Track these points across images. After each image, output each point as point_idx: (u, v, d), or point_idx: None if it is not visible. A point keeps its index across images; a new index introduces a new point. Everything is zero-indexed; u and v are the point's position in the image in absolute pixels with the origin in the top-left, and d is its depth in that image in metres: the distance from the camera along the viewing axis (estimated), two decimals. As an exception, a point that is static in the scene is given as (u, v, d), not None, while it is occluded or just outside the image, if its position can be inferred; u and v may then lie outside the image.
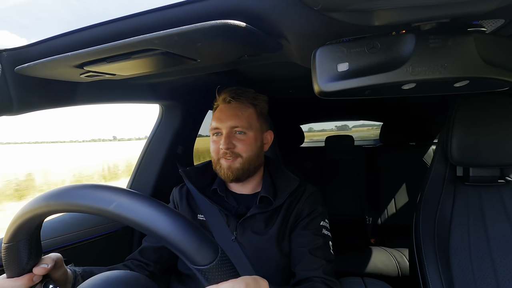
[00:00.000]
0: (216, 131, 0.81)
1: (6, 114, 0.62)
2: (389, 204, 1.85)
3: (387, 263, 1.49)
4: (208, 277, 0.33)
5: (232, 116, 0.78)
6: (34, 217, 0.39)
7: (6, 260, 0.43)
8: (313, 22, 0.44)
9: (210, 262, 0.32)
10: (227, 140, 0.77)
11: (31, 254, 0.45)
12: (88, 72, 0.59)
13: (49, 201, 0.37)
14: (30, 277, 0.46)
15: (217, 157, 0.79)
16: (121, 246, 1.09)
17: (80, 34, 0.54)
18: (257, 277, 0.37)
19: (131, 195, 0.35)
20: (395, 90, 0.47)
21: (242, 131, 0.78)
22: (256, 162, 0.81)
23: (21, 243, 0.43)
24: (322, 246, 0.76)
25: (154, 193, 1.20)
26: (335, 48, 0.43)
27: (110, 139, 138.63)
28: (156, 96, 1.09)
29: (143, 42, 0.44)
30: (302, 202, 0.81)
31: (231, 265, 0.35)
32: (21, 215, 0.39)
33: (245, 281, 0.34)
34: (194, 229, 0.34)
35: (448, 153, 0.88)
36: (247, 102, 0.82)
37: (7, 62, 0.58)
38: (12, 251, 0.43)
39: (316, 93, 0.46)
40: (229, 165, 0.77)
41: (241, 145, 0.78)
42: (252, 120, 0.81)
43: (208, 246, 0.33)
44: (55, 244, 0.86)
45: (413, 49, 0.40)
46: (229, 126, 0.78)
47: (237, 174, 0.78)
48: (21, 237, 0.42)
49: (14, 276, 0.45)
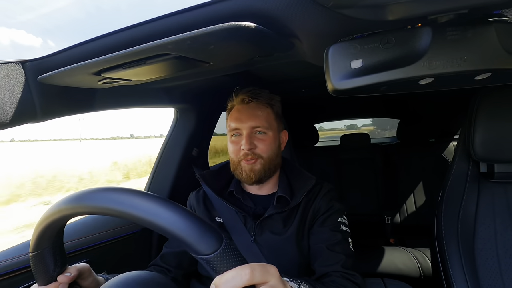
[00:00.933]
0: (235, 132, 0.81)
1: (30, 121, 0.65)
2: (408, 202, 1.79)
3: (408, 263, 1.44)
4: (214, 266, 0.33)
5: (252, 116, 0.79)
6: (53, 223, 0.40)
7: (34, 268, 0.45)
8: (325, 20, 0.43)
9: (214, 251, 0.33)
10: (248, 140, 0.77)
11: (56, 261, 0.46)
12: (106, 79, 0.61)
13: (62, 206, 0.38)
14: (56, 285, 0.48)
15: (237, 159, 0.79)
16: (140, 247, 1.11)
17: (97, 42, 0.56)
18: (265, 264, 0.37)
19: (133, 193, 0.36)
20: (412, 86, 0.46)
21: (262, 131, 0.79)
22: (275, 161, 0.81)
23: (45, 251, 0.44)
24: (340, 241, 0.75)
25: (171, 195, 1.22)
26: (348, 45, 0.43)
27: (128, 137, 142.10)
28: (170, 100, 1.11)
29: (157, 47, 0.45)
30: (319, 200, 0.81)
31: (237, 253, 0.34)
32: (41, 223, 0.41)
33: (251, 267, 0.34)
34: (196, 220, 0.34)
35: (471, 149, 0.84)
36: (265, 102, 0.82)
37: (31, 72, 0.61)
38: (38, 259, 0.45)
39: (330, 91, 0.45)
40: (251, 167, 0.77)
41: (262, 145, 0.78)
42: (271, 120, 0.81)
43: (211, 235, 0.34)
44: (79, 245, 0.89)
45: (430, 43, 0.39)
46: (249, 126, 0.78)
47: (259, 175, 0.78)
48: (45, 245, 0.44)
49: (43, 284, 0.47)
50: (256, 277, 0.34)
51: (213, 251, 0.32)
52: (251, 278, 0.33)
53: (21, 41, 39.25)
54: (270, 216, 0.78)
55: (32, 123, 0.66)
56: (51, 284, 0.47)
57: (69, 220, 0.41)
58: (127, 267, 0.75)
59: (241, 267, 0.33)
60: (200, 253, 0.32)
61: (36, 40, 29.99)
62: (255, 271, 0.34)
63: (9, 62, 0.58)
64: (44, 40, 26.20)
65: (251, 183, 0.79)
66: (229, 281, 0.32)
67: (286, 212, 0.79)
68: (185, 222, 0.33)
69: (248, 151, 0.76)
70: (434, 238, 0.90)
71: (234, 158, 0.80)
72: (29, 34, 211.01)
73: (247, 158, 0.77)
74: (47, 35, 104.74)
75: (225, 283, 0.32)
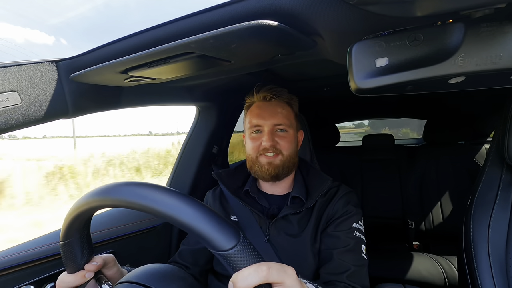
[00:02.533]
0: (256, 129, 0.81)
1: (62, 117, 0.68)
2: (434, 207, 1.71)
3: (432, 270, 1.38)
4: (231, 263, 0.33)
5: (274, 114, 0.79)
6: (81, 214, 0.42)
7: (63, 257, 0.48)
8: (349, 17, 0.42)
9: (232, 247, 0.33)
10: (270, 137, 0.77)
11: (84, 251, 0.49)
12: (132, 77, 0.64)
13: (90, 199, 0.40)
14: (83, 273, 0.50)
15: (256, 154, 0.79)
16: (161, 240, 1.15)
17: (124, 42, 0.59)
18: (283, 264, 0.37)
19: (156, 188, 0.37)
20: (441, 85, 0.44)
21: (284, 128, 0.79)
22: (294, 160, 0.81)
23: (73, 241, 0.47)
24: (352, 249, 0.73)
25: (191, 191, 1.25)
26: (373, 43, 0.41)
27: (147, 133, 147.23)
28: (192, 98, 1.13)
29: (180, 47, 0.46)
30: (335, 203, 0.79)
31: (254, 250, 0.35)
32: (71, 214, 0.43)
33: (268, 265, 0.34)
34: (214, 216, 0.35)
35: (505, 153, 0.79)
36: (285, 101, 0.82)
37: (64, 70, 0.65)
38: (67, 248, 0.47)
39: (353, 90, 0.44)
40: (269, 161, 0.78)
41: (283, 142, 0.78)
42: (292, 118, 0.82)
43: (229, 231, 0.34)
44: (104, 236, 0.94)
45: (462, 39, 0.37)
46: (271, 123, 0.78)
47: (277, 171, 0.78)
48: (73, 235, 0.46)
49: (72, 272, 0.50)
50: (273, 275, 0.34)
51: (231, 247, 0.33)
52: (267, 275, 0.33)
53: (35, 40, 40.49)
54: (285, 217, 0.77)
55: (64, 119, 0.70)
56: (78, 272, 0.50)
57: (95, 212, 0.44)
58: (148, 259, 0.77)
59: (258, 264, 0.33)
60: (218, 248, 0.33)
61: (49, 38, 30.26)
62: (272, 269, 0.34)
63: (44, 62, 0.62)
64: (57, 38, 26.50)
65: (269, 178, 0.79)
66: (246, 278, 0.32)
67: (301, 213, 0.78)
68: (204, 218, 0.34)
69: (269, 147, 0.77)
70: (462, 245, 0.85)
71: (253, 154, 0.80)
72: (43, 33, 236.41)
73: (267, 152, 0.78)
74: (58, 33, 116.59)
75: (242, 280, 0.32)
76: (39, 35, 40.05)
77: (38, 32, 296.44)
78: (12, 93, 0.56)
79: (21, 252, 0.75)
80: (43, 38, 21.20)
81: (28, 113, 0.59)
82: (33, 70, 0.60)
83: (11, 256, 0.73)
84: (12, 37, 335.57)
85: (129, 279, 0.45)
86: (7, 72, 0.56)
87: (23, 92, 0.58)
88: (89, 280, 0.51)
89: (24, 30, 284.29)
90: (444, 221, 1.68)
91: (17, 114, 0.57)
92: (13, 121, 0.57)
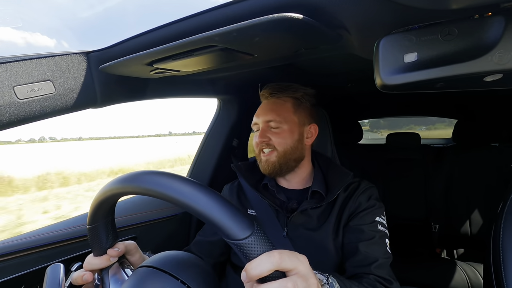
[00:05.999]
0: (256, 127, 0.85)
1: (91, 107, 0.72)
2: (460, 211, 1.63)
3: (456, 277, 1.32)
4: (245, 252, 0.33)
5: (267, 111, 0.82)
6: (106, 200, 0.44)
7: (90, 240, 0.51)
8: (377, 10, 0.41)
9: (246, 237, 0.33)
10: (261, 134, 0.80)
11: (108, 236, 0.51)
12: (157, 69, 0.65)
13: (114, 186, 0.42)
14: (108, 257, 0.53)
15: (258, 151, 0.83)
16: (180, 229, 1.18)
17: (150, 35, 0.60)
18: (295, 252, 0.36)
19: (174, 177, 0.38)
20: (475, 83, 0.41)
21: (276, 125, 0.80)
22: (293, 155, 0.81)
23: (99, 225, 0.49)
24: (376, 242, 0.71)
25: (210, 183, 1.27)
26: (402, 37, 0.40)
27: (167, 134, 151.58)
28: (214, 91, 1.14)
29: (204, 39, 0.47)
30: (357, 197, 0.78)
31: (267, 239, 0.35)
32: (96, 200, 0.45)
33: (279, 252, 0.34)
34: (229, 205, 0.35)
35: None
36: (284, 97, 0.83)
37: (94, 62, 0.68)
38: (93, 232, 0.50)
39: (378, 87, 0.43)
40: (266, 158, 0.80)
41: (275, 138, 0.79)
42: (287, 114, 0.81)
43: (244, 221, 0.34)
44: (127, 222, 0.98)
45: (502, 34, 0.34)
46: (263, 120, 0.81)
47: (274, 167, 0.79)
48: (99, 220, 0.48)
49: (98, 255, 0.52)
50: (285, 262, 0.33)
51: (245, 237, 0.33)
52: (279, 262, 0.33)
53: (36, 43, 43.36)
54: (304, 211, 0.77)
55: (93, 108, 0.73)
56: (104, 256, 0.53)
57: (119, 199, 0.46)
58: (167, 246, 0.80)
59: (269, 252, 0.33)
60: (233, 237, 0.33)
61: (51, 41, 32.34)
62: (283, 256, 0.33)
63: (76, 53, 0.65)
64: (58, 41, 28.32)
65: (268, 174, 0.82)
66: (258, 265, 0.32)
67: (321, 208, 0.77)
68: (220, 207, 0.34)
69: (261, 143, 0.80)
70: (490, 253, 0.81)
71: (256, 151, 0.84)
72: (44, 36, 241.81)
73: (262, 148, 0.80)
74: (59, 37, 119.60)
75: (254, 268, 0.32)
76: (41, 38, 41.61)
77: (39, 35, 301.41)
78: (47, 83, 0.60)
79: (52, 232, 0.81)
80: (45, 41, 22.23)
81: (61, 102, 0.62)
82: (66, 60, 0.63)
83: (43, 235, 0.79)
84: (13, 40, 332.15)
85: (148, 263, 0.47)
86: (43, 62, 0.59)
87: (57, 82, 0.61)
88: (113, 263, 0.54)
89: (25, 33, 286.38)
90: (470, 226, 1.60)
91: (51, 102, 0.61)
92: (47, 109, 0.60)
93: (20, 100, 0.56)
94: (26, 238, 0.76)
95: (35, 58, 0.58)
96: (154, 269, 0.45)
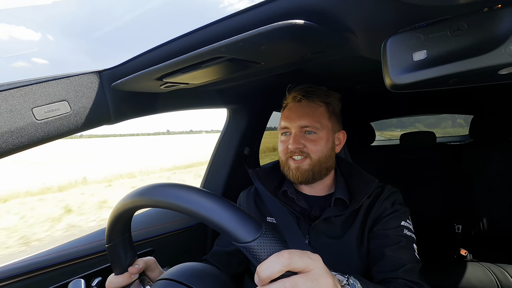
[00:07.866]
0: (285, 131, 0.79)
1: (105, 123, 0.74)
2: (484, 210, 1.57)
3: (484, 279, 1.26)
4: (255, 254, 0.33)
5: (302, 115, 0.76)
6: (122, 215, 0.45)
7: (110, 258, 0.52)
8: (382, 10, 0.40)
9: (255, 239, 0.33)
10: (296, 140, 0.75)
11: (127, 253, 0.52)
12: (167, 83, 0.67)
13: (125, 201, 0.43)
14: (129, 275, 0.53)
15: (285, 157, 0.77)
16: (196, 240, 1.18)
17: (159, 51, 0.62)
18: (307, 251, 0.35)
19: (178, 187, 0.38)
20: (490, 77, 0.40)
21: (312, 131, 0.75)
22: (326, 164, 0.77)
23: (117, 243, 0.50)
24: (403, 246, 0.68)
25: (224, 193, 1.27)
26: (409, 36, 0.39)
27: (165, 132, 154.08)
28: (223, 101, 1.16)
29: (211, 51, 0.48)
30: (381, 202, 0.75)
31: (277, 240, 0.34)
32: (112, 216, 0.46)
33: (288, 251, 0.32)
34: (235, 208, 0.35)
35: None
36: (319, 100, 0.78)
37: (106, 80, 0.70)
38: (112, 250, 0.50)
39: (388, 87, 0.42)
40: (297, 166, 0.75)
41: (311, 145, 0.75)
42: (324, 119, 0.77)
43: (251, 223, 0.34)
44: (144, 235, 0.99)
45: None
46: (298, 125, 0.76)
47: (306, 176, 0.75)
48: (116, 237, 0.49)
49: (119, 274, 0.53)
50: (295, 261, 0.32)
51: (254, 239, 0.33)
52: (288, 262, 0.32)
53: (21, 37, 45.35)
54: (327, 219, 0.74)
55: (107, 125, 0.75)
56: (125, 274, 0.53)
57: (133, 214, 0.46)
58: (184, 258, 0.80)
59: (279, 252, 0.33)
60: (241, 240, 0.33)
61: (36, 35, 33.85)
62: (293, 255, 0.32)
63: (89, 72, 0.68)
64: (44, 34, 29.31)
65: (298, 182, 0.77)
66: (268, 267, 0.31)
67: (345, 215, 0.74)
68: (225, 210, 0.34)
69: (295, 150, 0.74)
70: None
71: (283, 157, 0.79)
72: (29, 29, 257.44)
73: (294, 155, 0.75)
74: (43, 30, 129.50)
75: (264, 270, 0.31)
76: (25, 31, 42.86)
77: (24, 29, 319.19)
78: (63, 103, 0.62)
79: (72, 248, 0.82)
80: (30, 34, 22.94)
81: (77, 120, 0.65)
82: (80, 80, 0.65)
83: (63, 251, 0.80)
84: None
85: (166, 276, 0.47)
86: (58, 83, 0.61)
87: (72, 101, 0.63)
88: (134, 280, 0.55)
89: (10, 26, 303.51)
90: (496, 225, 1.53)
91: (67, 121, 0.63)
92: (64, 128, 0.63)
93: (38, 121, 0.58)
94: (48, 255, 0.78)
95: (51, 80, 0.60)
96: (172, 282, 0.45)
